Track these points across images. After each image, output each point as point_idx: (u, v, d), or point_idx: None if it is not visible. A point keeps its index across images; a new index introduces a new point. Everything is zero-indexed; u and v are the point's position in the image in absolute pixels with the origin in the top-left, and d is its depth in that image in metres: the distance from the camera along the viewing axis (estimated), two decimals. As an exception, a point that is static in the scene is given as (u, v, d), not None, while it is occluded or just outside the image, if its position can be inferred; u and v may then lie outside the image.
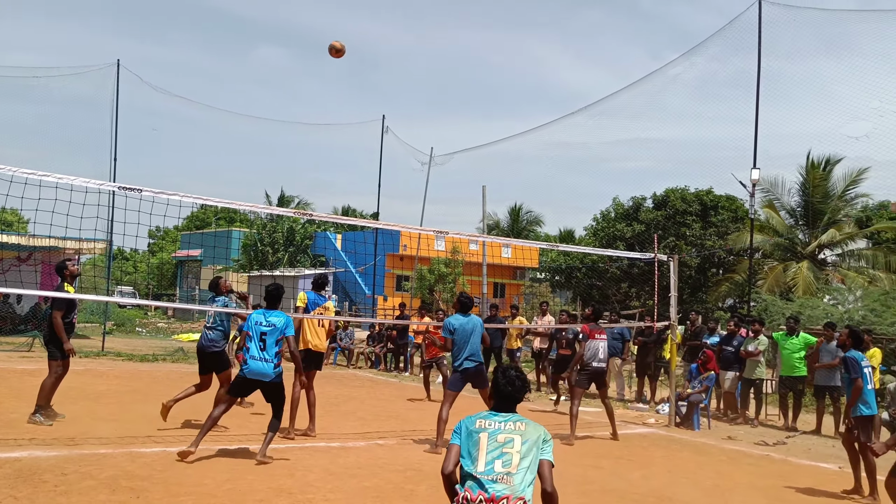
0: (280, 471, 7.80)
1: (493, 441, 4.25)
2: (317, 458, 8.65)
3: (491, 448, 4.23)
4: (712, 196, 32.39)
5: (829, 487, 8.70)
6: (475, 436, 4.30)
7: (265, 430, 8.40)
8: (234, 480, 7.24)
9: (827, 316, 18.78)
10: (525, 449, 4.24)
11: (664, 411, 14.03)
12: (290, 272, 40.73)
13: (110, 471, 7.28)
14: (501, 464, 4.18)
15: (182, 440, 9.03)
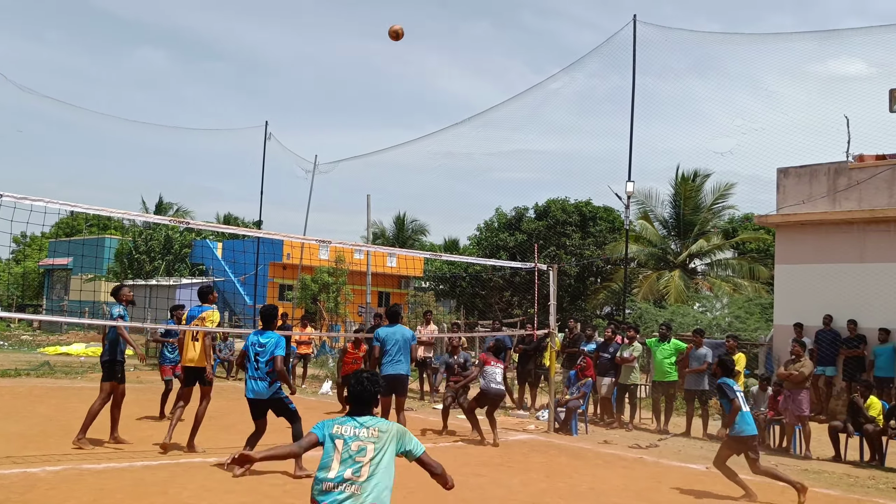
0: (152, 489, 7.49)
1: (346, 449, 4.35)
2: (192, 474, 8.36)
3: (344, 457, 4.33)
4: (591, 207, 33.46)
5: (697, 486, 9.09)
6: (332, 441, 4.39)
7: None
8: (100, 500, 6.91)
9: (696, 322, 19.68)
10: (379, 456, 4.37)
11: (544, 417, 14.31)
12: (168, 281, 39.31)
13: (-37, 495, 6.82)
14: (352, 472, 4.29)
15: (45, 461, 8.55)
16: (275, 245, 33.32)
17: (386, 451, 4.39)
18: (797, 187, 17.03)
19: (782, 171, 17.42)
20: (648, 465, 10.57)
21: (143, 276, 41.23)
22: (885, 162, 15.99)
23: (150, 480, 7.87)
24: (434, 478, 4.66)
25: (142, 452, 9.43)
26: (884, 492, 9.38)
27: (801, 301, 16.47)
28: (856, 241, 16.04)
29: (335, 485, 4.24)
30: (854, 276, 15.92)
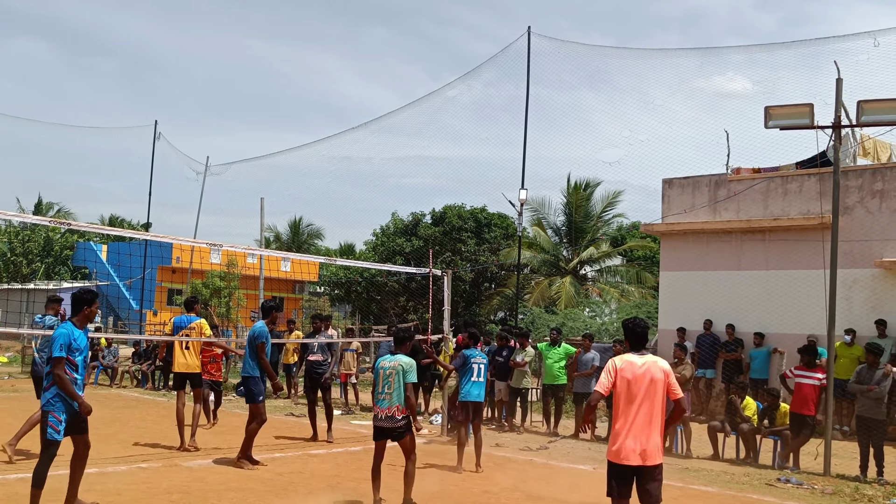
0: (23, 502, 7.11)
1: (383, 374, 7.72)
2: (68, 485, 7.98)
3: (381, 378, 7.73)
4: (486, 214, 33.94)
5: (584, 486, 9.33)
6: (376, 370, 7.90)
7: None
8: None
9: (586, 327, 20.28)
10: (398, 378, 7.62)
11: (437, 422, 14.40)
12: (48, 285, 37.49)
13: None
14: (386, 387, 7.65)
15: None
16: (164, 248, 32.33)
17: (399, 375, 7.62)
18: (681, 197, 17.78)
19: (667, 182, 18.15)
20: (538, 466, 10.79)
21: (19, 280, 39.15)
22: (761, 175, 16.90)
23: (24, 493, 7.45)
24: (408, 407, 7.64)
25: (15, 466, 8.95)
26: (757, 487, 9.88)
27: (684, 306, 17.20)
28: (733, 250, 16.88)
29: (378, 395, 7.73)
30: (731, 282, 16.75)
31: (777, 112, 11.36)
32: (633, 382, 5.89)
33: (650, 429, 5.84)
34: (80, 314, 6.95)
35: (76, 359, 6.75)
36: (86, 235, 45.09)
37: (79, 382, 6.80)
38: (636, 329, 6.14)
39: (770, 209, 16.52)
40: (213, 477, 8.77)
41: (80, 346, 6.80)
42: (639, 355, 6.05)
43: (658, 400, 5.89)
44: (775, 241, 16.33)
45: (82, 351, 6.86)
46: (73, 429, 6.82)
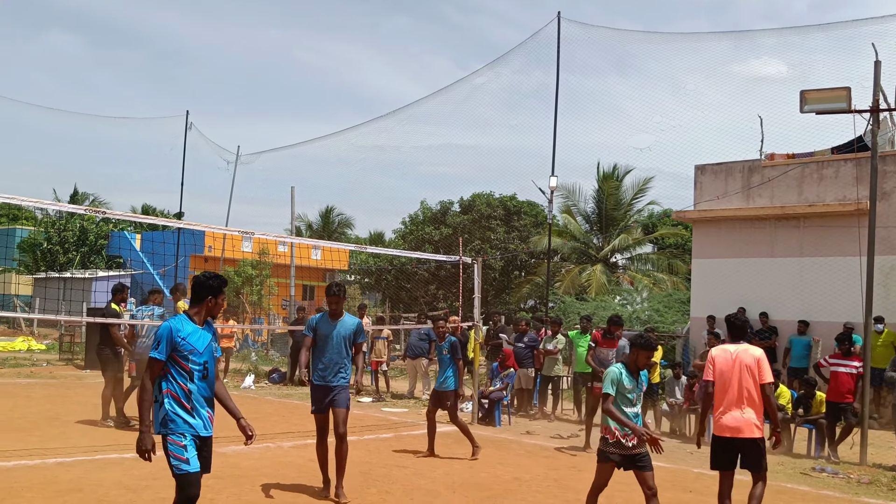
0: (65, 486, 7.26)
1: None
2: (108, 470, 8.14)
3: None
4: (515, 202, 33.82)
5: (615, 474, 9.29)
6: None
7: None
8: (10, 499, 6.67)
9: (617, 315, 20.12)
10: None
11: (467, 409, 14.43)
12: (83, 274, 38.06)
13: None
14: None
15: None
16: (196, 237, 32.62)
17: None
18: (713, 184, 17.58)
19: (699, 168, 17.95)
20: (569, 454, 10.77)
21: (56, 269, 39.81)
22: (795, 161, 16.65)
23: (63, 478, 7.63)
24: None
25: (54, 449, 9.13)
26: (792, 476, 9.78)
27: (716, 294, 17.03)
28: (767, 237, 16.67)
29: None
30: (765, 270, 16.55)
31: (813, 96, 11.17)
32: (725, 368, 6.75)
33: (743, 406, 6.64)
34: (202, 305, 5.23)
35: (189, 364, 5.04)
36: (119, 224, 45.67)
37: (194, 395, 5.04)
38: (736, 322, 7.03)
39: (805, 195, 16.28)
40: (246, 463, 8.87)
41: (193, 347, 5.05)
42: (734, 344, 6.88)
43: (749, 382, 6.66)
44: (810, 228, 16.09)
45: (198, 353, 5.08)
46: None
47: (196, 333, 5.10)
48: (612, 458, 6.40)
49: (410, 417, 13.93)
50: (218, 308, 5.28)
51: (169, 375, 5.00)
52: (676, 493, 8.42)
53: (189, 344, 5.03)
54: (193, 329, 5.11)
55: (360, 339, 7.88)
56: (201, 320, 5.19)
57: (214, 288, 5.24)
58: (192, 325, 5.13)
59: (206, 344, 5.14)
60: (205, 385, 5.09)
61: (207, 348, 5.14)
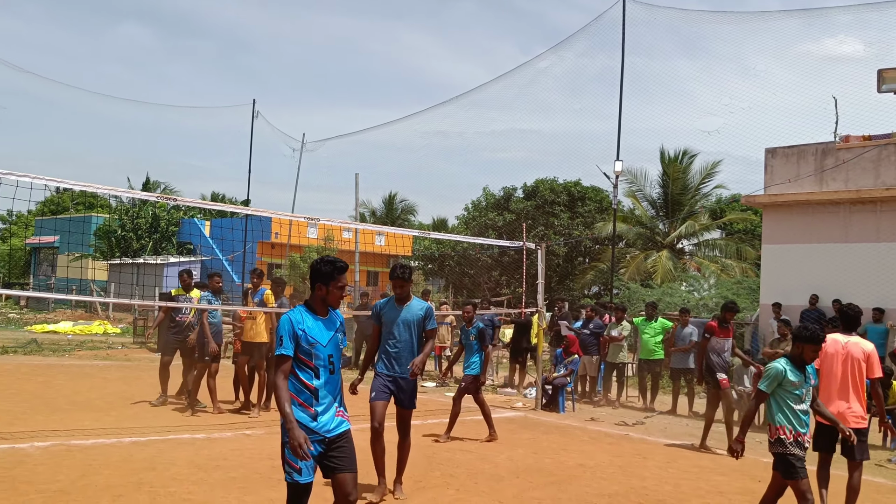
0: (140, 464, 7.51)
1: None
2: (180, 450, 8.39)
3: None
4: (579, 187, 33.46)
5: (681, 462, 9.19)
6: None
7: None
8: (89, 476, 6.92)
9: (684, 302, 19.80)
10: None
11: (531, 395, 14.41)
12: (155, 260, 39.16)
13: (-49, 470, 6.81)
14: None
15: (34, 437, 8.56)
16: (263, 223, 33.24)
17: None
18: (785, 167, 17.10)
19: (770, 152, 17.48)
20: (634, 441, 10.67)
21: (130, 255, 41.02)
22: (872, 142, 16.07)
23: (138, 456, 7.89)
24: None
25: (129, 429, 9.44)
26: (866, 468, 9.48)
27: (787, 281, 16.59)
28: (841, 222, 16.15)
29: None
30: (839, 256, 16.04)
31: (891, 75, 10.79)
32: (834, 358, 6.84)
33: (847, 397, 6.76)
34: (314, 295, 4.77)
35: (313, 359, 4.60)
36: (189, 212, 46.78)
37: (321, 393, 4.61)
38: (849, 312, 7.10)
39: (882, 178, 15.70)
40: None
41: (315, 339, 4.62)
42: (845, 335, 6.97)
43: (856, 374, 6.76)
44: (888, 212, 15.53)
45: (321, 346, 4.64)
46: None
47: (317, 325, 4.67)
48: (792, 460, 5.97)
49: (474, 402, 13.96)
50: (333, 296, 4.73)
51: (293, 374, 4.57)
52: (745, 482, 8.26)
53: (310, 337, 4.59)
54: (314, 320, 4.67)
55: (429, 326, 7.14)
56: (322, 310, 4.73)
57: (324, 274, 4.72)
58: (312, 315, 4.69)
59: (330, 336, 4.70)
60: (333, 380, 4.68)
61: (332, 340, 4.70)
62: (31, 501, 6.04)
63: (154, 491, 6.56)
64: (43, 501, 6.05)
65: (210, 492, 6.67)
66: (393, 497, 6.95)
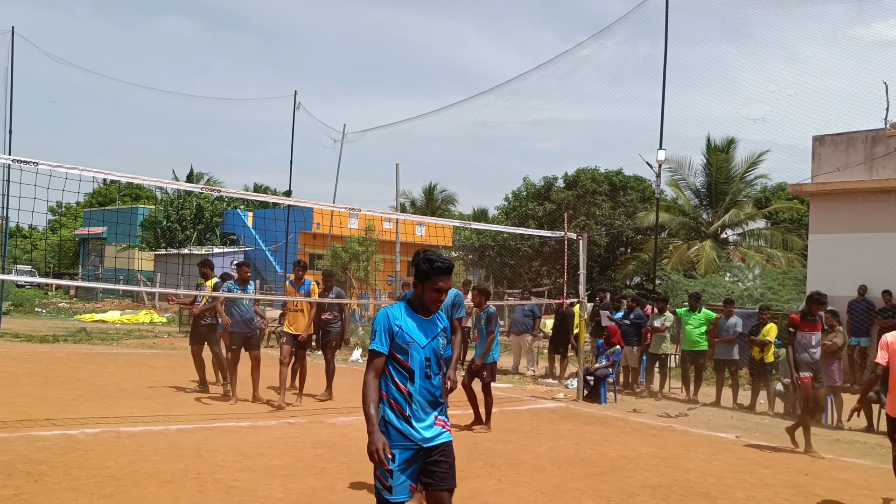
0: (187, 451, 7.64)
1: None
2: (226, 437, 8.52)
3: None
4: (621, 176, 33.16)
5: (726, 454, 9.09)
6: None
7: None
8: (137, 462, 7.06)
9: (728, 293, 19.54)
10: None
11: (572, 386, 14.36)
12: (200, 250, 39.76)
13: (6, 455, 7.00)
14: None
15: (84, 424, 8.76)
16: (305, 214, 33.50)
17: None
18: (833, 155, 16.74)
19: (818, 139, 17.12)
20: (678, 433, 10.57)
21: (175, 245, 41.68)
22: (925, 129, 15.63)
23: (184, 443, 8.03)
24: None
25: (176, 416, 9.62)
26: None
27: (835, 271, 16.26)
28: (892, 210, 15.76)
29: None
30: (889, 245, 15.66)
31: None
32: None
33: None
34: (415, 293, 4.31)
35: (409, 360, 4.14)
36: (232, 203, 47.40)
37: (415, 398, 4.13)
38: None
39: (935, 166, 15.29)
40: (356, 433, 9.10)
41: (412, 339, 4.16)
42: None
43: None
44: (940, 201, 15.12)
45: (418, 347, 4.16)
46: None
47: (416, 324, 4.19)
48: None
49: (515, 393, 13.97)
50: (427, 297, 4.19)
51: (387, 374, 4.15)
52: (791, 476, 8.14)
53: (407, 335, 4.14)
54: (414, 319, 4.21)
55: (457, 314, 6.35)
56: (423, 310, 4.24)
57: (420, 272, 4.23)
58: (412, 313, 4.23)
59: (430, 338, 4.20)
60: (430, 385, 4.17)
61: (431, 343, 4.20)
62: (82, 486, 6.19)
63: (200, 478, 6.68)
64: (94, 487, 6.20)
65: (255, 479, 6.76)
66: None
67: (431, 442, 4.13)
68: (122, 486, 6.26)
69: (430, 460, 4.12)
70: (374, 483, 4.13)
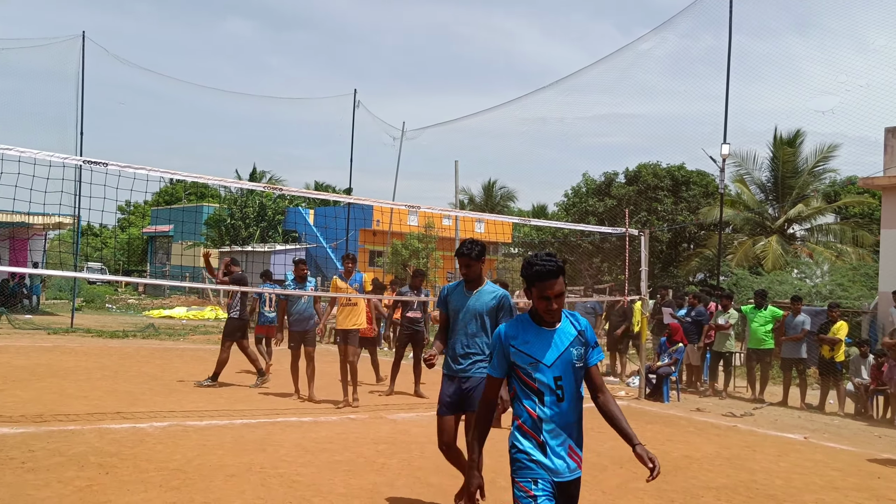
0: (251, 446, 7.78)
1: None
2: (288, 432, 8.64)
3: None
4: (684, 171, 32.60)
5: (793, 455, 8.86)
6: None
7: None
8: (203, 456, 7.22)
9: (795, 290, 19.04)
10: None
11: (634, 384, 14.18)
12: (263, 248, 40.47)
13: (79, 447, 7.23)
14: None
15: (153, 417, 8.99)
16: (365, 211, 33.80)
17: None
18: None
19: (891, 131, 16.54)
20: (743, 433, 10.35)
21: (238, 243, 42.47)
22: None
23: (249, 438, 8.18)
24: None
25: (240, 411, 9.80)
26: None
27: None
28: (970, 204, 15.16)
29: None
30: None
31: None
32: None
33: None
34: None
35: (535, 382, 3.56)
36: (294, 200, 48.06)
37: (545, 423, 3.55)
38: None
39: None
40: (416, 429, 9.15)
41: (534, 358, 3.56)
42: None
43: None
44: None
45: (544, 367, 3.55)
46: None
47: (539, 338, 3.57)
48: None
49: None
50: (540, 307, 3.56)
51: (517, 396, 3.61)
52: (862, 478, 7.90)
53: (527, 355, 3.56)
54: (536, 332, 3.59)
55: (504, 318, 5.67)
56: (545, 320, 3.60)
57: (528, 276, 3.59)
58: (534, 327, 3.60)
59: (558, 353, 3.55)
60: (564, 410, 3.58)
61: (561, 359, 3.55)
62: (151, 479, 6.35)
63: (264, 472, 6.79)
64: (162, 479, 6.35)
65: (317, 474, 6.85)
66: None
67: (565, 477, 3.59)
68: (189, 479, 6.40)
69: (564, 497, 3.61)
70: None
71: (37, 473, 6.28)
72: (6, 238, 25.13)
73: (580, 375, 3.64)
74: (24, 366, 12.90)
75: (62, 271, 20.04)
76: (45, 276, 29.67)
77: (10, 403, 9.27)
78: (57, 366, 13.16)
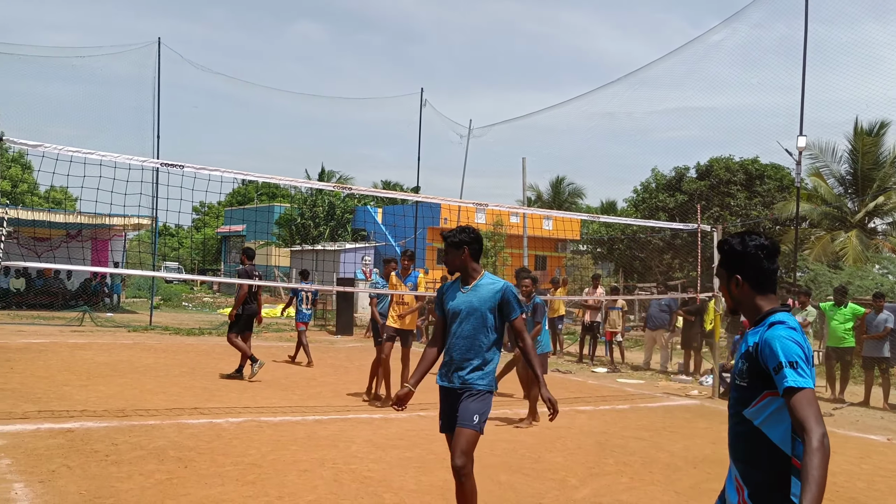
0: (323, 442, 7.91)
1: None
2: (359, 429, 8.75)
3: None
4: (758, 165, 31.79)
5: (875, 458, 8.57)
6: None
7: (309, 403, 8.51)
8: (278, 451, 7.36)
9: (877, 286, 18.39)
10: None
11: (707, 383, 13.91)
12: (332, 246, 41.02)
13: (159, 441, 7.46)
14: None
15: (228, 413, 9.22)
16: (433, 209, 33.93)
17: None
18: None
19: (979, 120, 15.84)
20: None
21: (309, 242, 43.13)
22: None
23: (321, 434, 8.31)
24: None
25: (312, 408, 9.96)
26: None
27: None
28: None
29: None
30: None
31: None
32: None
33: None
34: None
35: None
36: (363, 199, 48.57)
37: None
38: None
39: None
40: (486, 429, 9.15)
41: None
42: None
43: None
44: None
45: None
46: None
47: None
48: None
49: (647, 389, 13.67)
50: (732, 303, 3.04)
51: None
52: (951, 483, 7.58)
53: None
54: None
55: (512, 315, 4.81)
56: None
57: (728, 263, 2.98)
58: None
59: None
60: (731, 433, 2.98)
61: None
62: (227, 472, 6.51)
63: (336, 468, 6.89)
64: (238, 473, 6.51)
65: (388, 470, 6.92)
66: None
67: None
68: (264, 474, 6.54)
69: None
70: None
71: (120, 466, 6.50)
72: (89, 238, 26.08)
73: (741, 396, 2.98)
74: (106, 362, 13.37)
75: (141, 270, 20.71)
76: (125, 275, 30.70)
77: (94, 398, 9.62)
78: (137, 362, 13.60)
